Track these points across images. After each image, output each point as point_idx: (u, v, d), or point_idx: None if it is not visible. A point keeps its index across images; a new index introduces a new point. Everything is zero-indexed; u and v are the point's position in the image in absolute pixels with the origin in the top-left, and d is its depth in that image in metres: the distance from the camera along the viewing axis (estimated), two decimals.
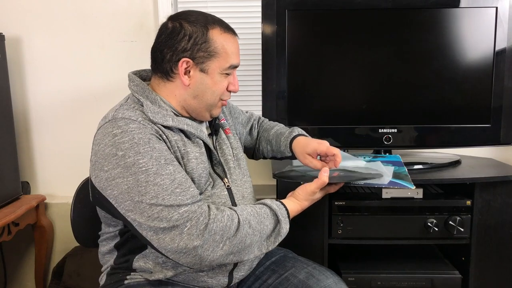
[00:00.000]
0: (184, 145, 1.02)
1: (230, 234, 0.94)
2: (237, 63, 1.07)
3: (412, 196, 1.36)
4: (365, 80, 1.48)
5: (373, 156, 1.47)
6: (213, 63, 1.03)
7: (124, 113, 0.98)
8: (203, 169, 1.03)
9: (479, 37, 1.43)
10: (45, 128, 1.80)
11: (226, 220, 0.94)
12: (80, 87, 1.77)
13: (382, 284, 1.38)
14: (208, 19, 1.05)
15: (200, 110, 1.07)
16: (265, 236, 1.00)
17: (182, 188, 0.93)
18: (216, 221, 0.93)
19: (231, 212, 0.97)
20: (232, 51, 1.05)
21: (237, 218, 0.96)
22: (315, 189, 1.08)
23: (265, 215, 1.00)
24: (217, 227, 0.93)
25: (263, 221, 0.99)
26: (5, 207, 1.60)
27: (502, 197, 1.34)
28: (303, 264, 1.15)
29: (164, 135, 0.99)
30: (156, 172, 0.92)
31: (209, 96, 1.05)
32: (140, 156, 0.92)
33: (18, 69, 1.76)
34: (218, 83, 1.05)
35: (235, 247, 0.95)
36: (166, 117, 1.00)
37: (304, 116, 1.49)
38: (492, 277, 1.37)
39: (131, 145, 0.93)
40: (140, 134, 0.94)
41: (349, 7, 1.44)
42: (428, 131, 1.47)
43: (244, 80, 1.82)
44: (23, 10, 1.74)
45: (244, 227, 0.96)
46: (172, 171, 0.94)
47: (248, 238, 0.96)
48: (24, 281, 1.90)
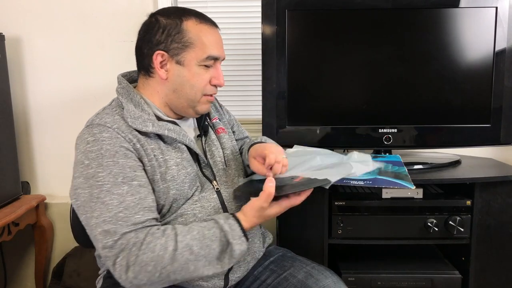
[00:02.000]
0: (162, 153, 1.00)
1: (164, 264, 0.89)
2: (218, 55, 1.03)
3: (412, 196, 1.36)
4: (365, 80, 1.48)
5: (373, 156, 1.47)
6: (189, 54, 1.01)
7: (103, 118, 0.98)
8: (185, 175, 1.02)
9: (479, 37, 1.43)
10: (45, 128, 1.80)
11: (158, 250, 0.89)
12: (80, 87, 1.78)
13: (382, 284, 1.38)
14: (185, 11, 1.04)
15: (182, 106, 1.05)
16: (213, 258, 0.93)
17: (125, 213, 0.90)
18: (147, 251, 0.89)
19: (167, 240, 0.90)
20: (209, 42, 1.02)
21: (173, 246, 0.90)
22: (263, 203, 0.94)
23: (213, 237, 0.93)
24: (147, 258, 0.88)
25: (209, 245, 0.92)
26: (5, 207, 1.60)
27: (502, 197, 1.34)
28: (302, 263, 1.14)
29: (140, 143, 0.97)
30: (108, 190, 0.91)
31: (188, 90, 1.03)
32: (100, 169, 0.92)
33: (18, 69, 1.76)
34: (197, 75, 1.02)
35: (177, 273, 0.91)
36: (146, 122, 0.98)
37: (304, 116, 1.49)
38: (492, 277, 1.37)
39: (97, 155, 0.93)
40: (109, 145, 0.94)
41: (349, 7, 1.44)
42: (428, 131, 1.47)
43: (244, 80, 1.82)
44: (23, 10, 1.74)
45: (183, 254, 0.90)
46: (125, 192, 0.92)
47: (190, 264, 0.91)
48: (24, 281, 1.90)
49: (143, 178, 0.96)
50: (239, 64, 1.80)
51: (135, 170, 0.95)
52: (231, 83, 1.82)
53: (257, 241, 1.14)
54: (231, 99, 1.82)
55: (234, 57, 1.79)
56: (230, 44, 1.78)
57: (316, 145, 1.50)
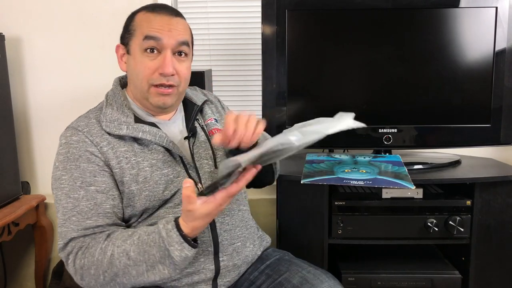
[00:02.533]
0: (135, 155, 1.00)
1: (104, 268, 0.91)
2: (155, 34, 0.98)
3: (412, 196, 1.36)
4: (365, 80, 1.48)
5: (373, 156, 1.47)
6: (133, 42, 1.02)
7: (78, 121, 1.03)
8: (160, 176, 1.00)
9: (479, 37, 1.43)
10: (45, 128, 1.80)
11: (97, 254, 0.92)
12: (80, 87, 1.77)
13: (382, 284, 1.38)
14: (148, 6, 1.05)
15: (139, 99, 1.06)
16: (156, 263, 0.90)
17: (78, 218, 0.95)
18: (88, 256, 0.92)
19: (107, 245, 0.92)
20: (149, 24, 1.00)
21: (111, 251, 0.91)
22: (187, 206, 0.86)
23: (152, 243, 0.90)
24: (88, 262, 0.92)
25: (147, 251, 0.90)
26: (5, 207, 1.60)
27: (502, 197, 1.34)
28: (298, 267, 1.09)
29: (109, 146, 0.98)
30: (66, 193, 0.96)
31: (135, 79, 1.03)
32: (64, 172, 0.97)
33: (18, 69, 1.76)
34: (140, 63, 1.00)
35: (120, 277, 0.92)
36: (121, 125, 1.00)
37: (304, 116, 1.48)
38: (492, 277, 1.37)
39: (64, 158, 0.98)
40: (75, 149, 0.98)
41: (349, 7, 1.44)
42: (428, 131, 1.47)
43: (244, 80, 1.82)
44: (23, 10, 1.74)
45: (120, 260, 0.90)
46: (80, 197, 0.95)
47: (131, 269, 0.91)
48: (24, 281, 1.90)
49: (102, 184, 0.97)
50: (239, 64, 1.80)
51: (95, 175, 0.97)
52: (231, 83, 1.82)
53: (249, 245, 1.11)
54: (231, 99, 1.82)
55: (234, 57, 1.79)
56: (230, 44, 1.78)
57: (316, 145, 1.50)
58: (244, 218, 1.12)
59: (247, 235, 1.11)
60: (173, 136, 1.08)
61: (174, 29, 1.01)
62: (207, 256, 1.02)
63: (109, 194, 0.98)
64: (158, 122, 1.07)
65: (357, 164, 1.38)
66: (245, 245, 1.10)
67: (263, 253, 1.17)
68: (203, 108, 1.18)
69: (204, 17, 1.75)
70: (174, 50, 1.02)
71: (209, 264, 1.02)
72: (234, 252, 1.06)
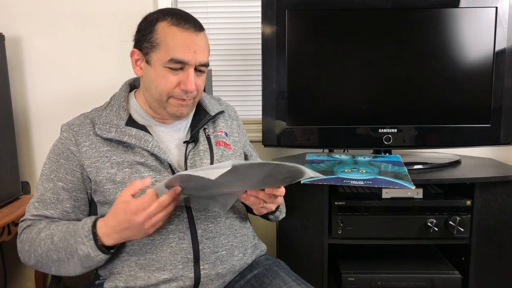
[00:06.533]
0: (116, 155, 1.02)
1: (35, 246, 0.97)
2: (182, 58, 0.99)
3: (412, 196, 1.36)
4: (365, 80, 1.48)
5: (373, 156, 1.47)
6: (155, 55, 1.01)
7: (76, 118, 1.09)
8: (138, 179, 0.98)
9: (479, 37, 1.43)
10: (45, 128, 1.80)
11: (33, 233, 0.98)
12: (80, 87, 1.77)
13: (382, 284, 1.38)
14: (166, 12, 1.03)
15: (154, 106, 1.06)
16: (74, 254, 0.93)
17: (39, 205, 1.02)
18: (27, 232, 1.00)
19: (44, 227, 0.99)
20: (175, 44, 0.99)
21: (44, 233, 0.97)
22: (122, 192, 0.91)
23: (73, 232, 0.94)
24: (26, 238, 0.99)
25: (67, 239, 0.93)
26: (5, 207, 1.60)
27: (502, 197, 1.34)
28: (281, 281, 1.04)
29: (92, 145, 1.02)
30: (41, 180, 1.04)
31: (153, 90, 1.03)
32: (48, 161, 1.05)
33: (18, 69, 1.76)
34: (161, 77, 1.01)
35: (44, 259, 0.97)
36: (111, 128, 1.03)
37: (304, 116, 1.49)
38: (492, 277, 1.37)
39: (52, 149, 1.06)
40: (62, 144, 1.04)
41: (349, 7, 1.44)
42: (428, 131, 1.47)
43: (244, 80, 1.82)
44: (23, 10, 1.74)
45: (45, 241, 0.96)
46: (48, 188, 1.02)
47: (52, 253, 0.95)
48: (24, 281, 1.90)
49: (70, 183, 1.02)
50: (239, 64, 1.80)
51: (67, 173, 1.03)
52: (231, 83, 1.82)
53: (237, 253, 1.08)
54: (231, 99, 1.82)
55: (234, 57, 1.79)
56: (230, 44, 1.78)
57: (316, 145, 1.50)
58: (232, 226, 1.09)
59: (236, 243, 1.08)
60: (167, 140, 1.08)
61: (198, 50, 1.02)
62: (186, 263, 1.00)
63: (72, 195, 1.03)
64: (155, 125, 1.07)
65: (357, 164, 1.38)
66: (232, 254, 1.07)
67: (254, 261, 1.14)
68: (217, 119, 1.17)
69: (204, 17, 1.75)
70: (196, 68, 1.04)
71: (188, 272, 1.00)
72: (217, 261, 1.03)
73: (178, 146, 1.08)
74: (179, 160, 1.06)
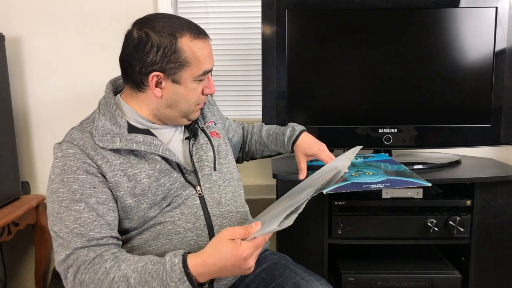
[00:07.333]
0: (131, 167, 0.98)
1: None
2: (211, 68, 1.03)
3: (412, 196, 1.36)
4: (365, 80, 1.48)
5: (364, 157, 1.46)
6: (185, 73, 0.99)
7: (72, 134, 1.00)
8: (157, 187, 0.99)
9: (479, 37, 1.43)
10: (45, 128, 1.80)
11: (100, 274, 0.89)
12: (80, 87, 1.77)
13: (382, 284, 1.38)
14: (175, 25, 0.98)
15: (175, 118, 1.05)
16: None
17: (80, 230, 0.92)
18: (90, 272, 0.89)
19: (111, 266, 0.89)
20: (204, 57, 1.00)
21: (113, 274, 0.88)
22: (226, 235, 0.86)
23: (155, 274, 0.87)
24: (89, 279, 0.89)
25: (148, 281, 0.86)
26: (5, 207, 1.60)
27: (502, 197, 1.34)
28: (292, 273, 1.07)
29: (104, 159, 0.96)
30: (66, 206, 0.94)
31: (183, 105, 1.03)
32: (62, 185, 0.95)
33: (18, 69, 1.76)
34: (192, 91, 1.02)
35: None
36: (115, 138, 0.97)
37: (304, 116, 1.49)
38: (492, 277, 1.37)
39: (61, 171, 0.96)
40: (73, 161, 0.96)
41: (349, 7, 1.44)
42: (428, 131, 1.47)
43: (244, 80, 1.82)
44: (23, 10, 1.74)
45: (119, 284, 0.87)
46: (81, 209, 0.93)
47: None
48: (24, 281, 1.90)
49: (103, 195, 0.96)
50: (239, 64, 1.80)
51: (94, 187, 0.95)
52: (231, 83, 1.82)
53: None
54: (231, 99, 1.82)
55: (234, 57, 1.79)
56: (230, 44, 1.78)
57: None
58: (242, 220, 1.11)
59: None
60: (169, 139, 1.08)
61: (212, 55, 1.05)
62: None
63: (109, 206, 0.96)
64: (155, 128, 1.06)
65: (356, 167, 1.37)
66: None
67: (260, 255, 1.15)
68: (203, 110, 1.18)
69: (204, 17, 1.75)
70: None
71: None
72: None
73: (180, 144, 1.09)
74: (184, 157, 1.07)
